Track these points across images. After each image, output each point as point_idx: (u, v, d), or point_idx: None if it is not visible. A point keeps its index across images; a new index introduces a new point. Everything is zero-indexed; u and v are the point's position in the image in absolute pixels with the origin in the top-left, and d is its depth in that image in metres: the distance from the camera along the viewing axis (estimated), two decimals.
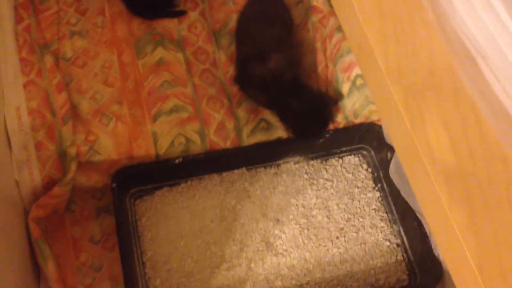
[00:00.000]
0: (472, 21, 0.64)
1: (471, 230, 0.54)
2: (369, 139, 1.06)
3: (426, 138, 0.59)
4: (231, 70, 1.08)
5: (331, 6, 1.13)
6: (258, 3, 1.07)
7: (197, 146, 1.00)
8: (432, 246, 0.94)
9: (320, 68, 1.09)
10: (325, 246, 0.97)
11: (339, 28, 1.08)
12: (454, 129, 0.59)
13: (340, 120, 1.05)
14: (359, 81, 1.04)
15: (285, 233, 0.98)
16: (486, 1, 0.65)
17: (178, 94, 1.03)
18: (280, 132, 1.03)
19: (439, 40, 0.64)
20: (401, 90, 0.62)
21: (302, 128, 0.98)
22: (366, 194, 1.03)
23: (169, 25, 1.11)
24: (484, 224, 0.53)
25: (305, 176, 1.04)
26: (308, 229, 0.98)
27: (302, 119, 0.97)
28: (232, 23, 1.13)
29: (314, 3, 1.15)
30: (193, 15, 1.13)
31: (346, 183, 1.04)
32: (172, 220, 0.97)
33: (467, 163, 0.57)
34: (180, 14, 1.13)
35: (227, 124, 1.02)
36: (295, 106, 0.96)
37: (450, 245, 0.56)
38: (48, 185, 0.92)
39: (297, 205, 1.00)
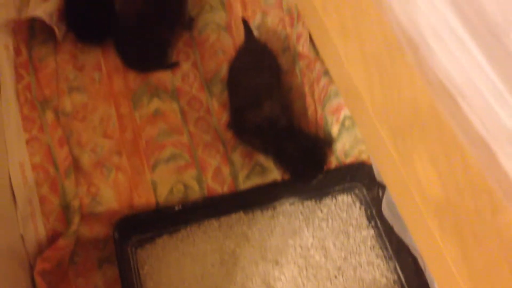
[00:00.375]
0: (448, 62, 0.68)
1: (463, 261, 0.56)
2: (361, 178, 1.09)
3: (415, 174, 0.62)
4: (224, 117, 1.12)
5: (316, 52, 1.19)
6: (247, 54, 1.12)
7: (196, 193, 1.02)
8: (428, 280, 0.96)
9: (310, 111, 1.13)
10: (324, 286, 0.99)
11: (325, 73, 1.13)
12: (441, 164, 0.62)
13: (331, 161, 1.09)
14: (347, 123, 1.08)
15: (284, 274, 0.99)
16: (461, 43, 0.69)
17: (174, 143, 1.07)
18: (275, 174, 1.06)
19: (421, 81, 0.69)
20: (389, 129, 0.65)
21: (300, 171, 1.01)
22: (361, 232, 1.06)
23: (163, 77, 1.15)
24: (475, 254, 0.56)
25: (301, 216, 1.07)
26: (307, 270, 1.00)
27: (299, 162, 1.00)
28: (223, 72, 1.17)
29: (300, 49, 1.21)
30: (185, 66, 1.18)
31: (340, 222, 1.07)
32: (174, 266, 0.99)
33: (455, 196, 0.60)
34: (173, 65, 1.18)
35: (223, 169, 1.06)
36: (291, 150, 0.99)
37: (444, 276, 0.58)
38: (53, 238, 0.94)
39: (294, 245, 1.03)
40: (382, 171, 0.70)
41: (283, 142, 1.00)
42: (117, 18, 1.16)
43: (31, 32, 1.16)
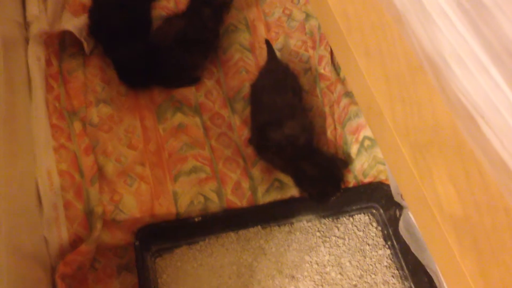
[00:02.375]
0: (469, 83, 0.70)
1: (481, 276, 0.57)
2: (378, 198, 1.11)
3: (435, 191, 0.63)
4: (245, 133, 1.15)
5: (337, 74, 1.21)
6: (269, 74, 1.15)
7: (215, 205, 1.04)
8: None
9: (329, 130, 1.15)
10: None
11: (346, 94, 1.16)
12: (459, 181, 0.63)
13: (350, 180, 1.11)
14: (367, 142, 1.10)
15: None
16: (481, 65, 0.71)
17: (196, 156, 1.09)
18: (293, 191, 1.08)
19: (441, 100, 0.70)
20: (409, 146, 0.67)
21: (317, 191, 1.03)
22: (377, 251, 1.06)
23: (187, 92, 1.19)
24: (492, 270, 0.57)
25: (318, 233, 1.08)
26: (322, 286, 1.01)
27: (317, 183, 1.02)
28: (246, 90, 1.20)
29: (322, 71, 1.23)
30: (209, 83, 1.21)
31: (357, 240, 1.08)
32: (191, 277, 1.00)
33: (473, 213, 0.61)
34: (196, 81, 1.21)
35: (243, 183, 1.08)
36: (309, 171, 1.01)
37: None
38: (75, 242, 0.96)
39: (311, 262, 1.04)
40: (402, 187, 0.71)
41: (301, 161, 1.02)
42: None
43: (62, 46, 1.20)
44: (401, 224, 1.04)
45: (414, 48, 0.75)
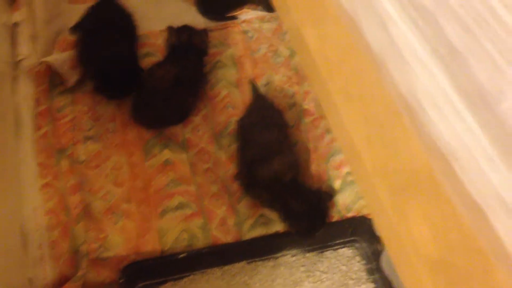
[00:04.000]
0: (445, 128, 0.72)
1: None
2: (361, 232, 1.12)
3: (410, 232, 0.65)
4: (231, 168, 1.17)
5: (322, 109, 1.24)
6: (256, 111, 1.18)
7: (200, 241, 1.05)
8: None
9: (313, 166, 1.18)
10: None
11: (329, 130, 1.18)
12: (435, 224, 0.65)
13: (333, 214, 1.12)
14: (349, 178, 1.12)
15: None
16: (456, 111, 0.73)
17: (182, 192, 1.11)
18: (278, 226, 1.09)
19: (417, 143, 0.72)
20: (386, 188, 0.68)
21: (304, 227, 1.05)
22: (360, 286, 1.07)
23: (174, 128, 1.21)
24: None
25: (302, 268, 1.09)
26: None
27: (303, 217, 1.04)
28: (232, 125, 1.23)
29: (306, 106, 1.26)
30: (196, 119, 1.24)
31: (341, 275, 1.09)
32: None
33: (448, 255, 0.63)
34: (186, 117, 1.23)
35: (229, 219, 1.09)
36: (296, 206, 1.03)
37: None
38: (60, 282, 0.96)
39: None
40: (379, 227, 0.73)
41: (288, 196, 1.04)
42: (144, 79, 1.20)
43: (52, 84, 1.22)
44: (383, 259, 1.05)
45: (392, 93, 0.77)
